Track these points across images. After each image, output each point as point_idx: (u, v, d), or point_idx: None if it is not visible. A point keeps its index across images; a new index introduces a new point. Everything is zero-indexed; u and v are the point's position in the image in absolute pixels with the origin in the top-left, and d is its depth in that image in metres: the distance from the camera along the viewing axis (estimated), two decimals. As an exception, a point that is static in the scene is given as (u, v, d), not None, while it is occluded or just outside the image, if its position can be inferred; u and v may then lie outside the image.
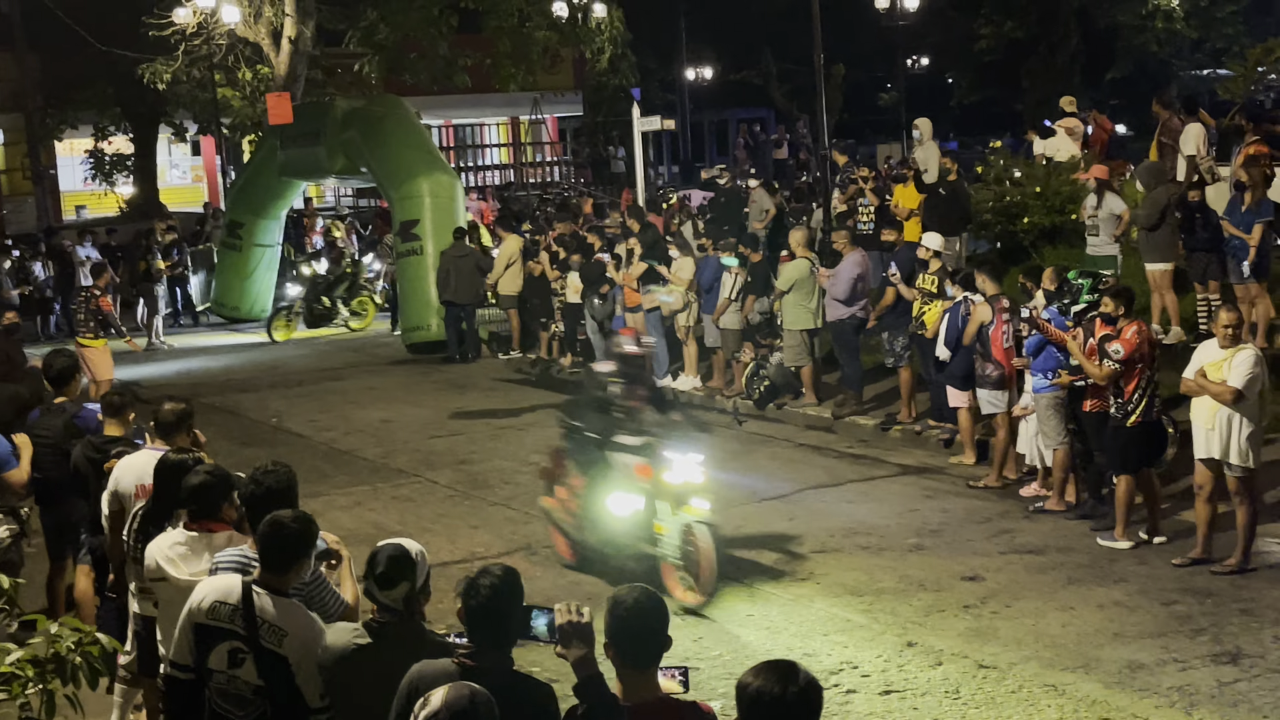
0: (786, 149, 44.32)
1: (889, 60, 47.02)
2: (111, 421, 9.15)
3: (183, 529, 6.76)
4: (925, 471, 14.04)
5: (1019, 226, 18.48)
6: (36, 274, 27.74)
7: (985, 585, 10.54)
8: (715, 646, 9.55)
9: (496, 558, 11.43)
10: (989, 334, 12.98)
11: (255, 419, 18.39)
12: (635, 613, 4.66)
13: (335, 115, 25.10)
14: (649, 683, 4.66)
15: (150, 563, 6.76)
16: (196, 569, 6.60)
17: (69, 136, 43.80)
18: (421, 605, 5.58)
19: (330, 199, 41.31)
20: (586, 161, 45.71)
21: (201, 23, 30.26)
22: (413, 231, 23.08)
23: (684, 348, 18.12)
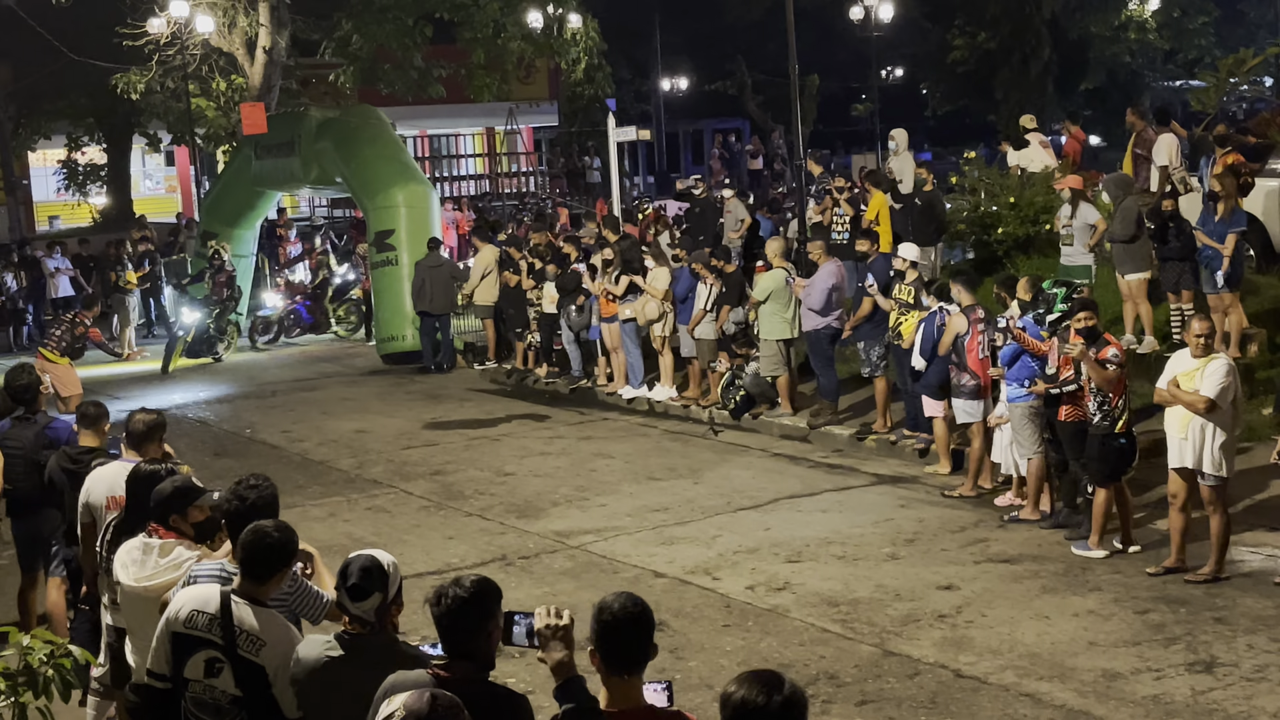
0: (761, 160, 44.41)
1: (863, 71, 47.17)
2: (87, 432, 9.10)
3: (142, 536, 6.75)
4: (900, 481, 14.06)
5: (993, 237, 18.56)
6: (8, 285, 27.59)
7: (961, 594, 10.55)
8: (691, 657, 9.53)
9: (471, 568, 11.41)
10: (964, 344, 13.01)
11: (229, 430, 18.32)
12: (620, 619, 4.64)
13: (310, 125, 25.03)
14: (634, 690, 4.64)
15: (115, 568, 6.78)
16: (141, 574, 6.59)
17: (42, 147, 43.61)
18: (394, 616, 5.55)
19: (305, 209, 41.21)
20: (562, 172, 45.68)
21: (175, 33, 30.15)
22: (387, 242, 23.01)
23: (660, 358, 18.11)
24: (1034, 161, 19.73)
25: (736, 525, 12.73)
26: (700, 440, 16.54)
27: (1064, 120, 23.75)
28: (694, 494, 13.96)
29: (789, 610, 10.39)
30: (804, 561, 11.56)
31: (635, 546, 12.20)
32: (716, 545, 12.12)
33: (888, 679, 9.02)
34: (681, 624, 10.16)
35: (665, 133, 55.33)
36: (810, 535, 12.27)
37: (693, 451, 15.95)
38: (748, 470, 14.90)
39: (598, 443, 16.53)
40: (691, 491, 14.06)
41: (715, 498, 13.74)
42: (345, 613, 5.46)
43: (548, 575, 11.51)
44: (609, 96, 37.35)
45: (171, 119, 36.32)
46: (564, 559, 11.96)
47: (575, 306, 19.02)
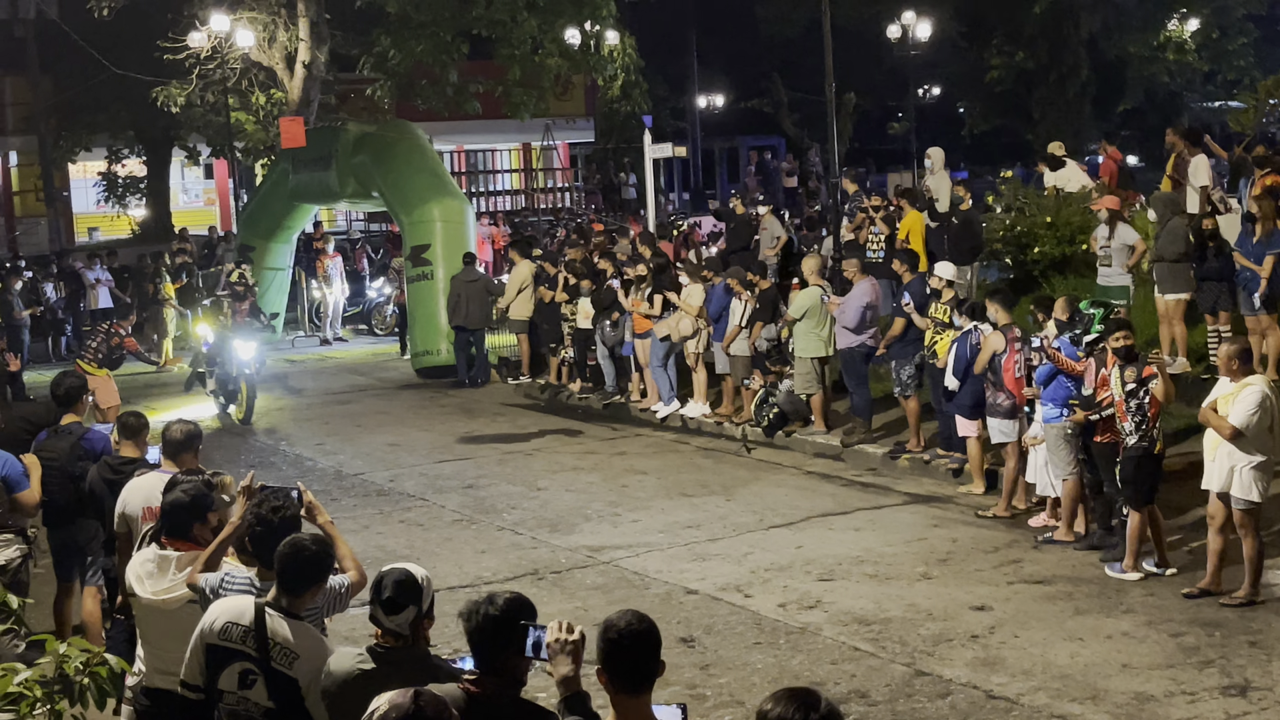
0: (796, 177, 44.37)
1: (900, 89, 47.09)
2: (128, 443, 9.16)
3: (153, 547, 6.78)
4: (933, 500, 14.01)
5: (1029, 256, 18.48)
6: (48, 295, 27.81)
7: (993, 615, 10.51)
8: (722, 674, 9.52)
9: (503, 583, 11.44)
10: (1001, 363, 12.97)
11: (264, 441, 18.41)
12: (627, 637, 4.63)
13: (347, 140, 25.18)
14: (641, 709, 4.63)
15: (127, 578, 6.81)
16: (159, 587, 6.62)
17: (82, 159, 43.95)
18: (426, 630, 5.57)
19: (341, 223, 41.41)
20: (597, 188, 45.78)
21: (216, 47, 30.38)
22: (423, 256, 23.12)
23: (693, 374, 18.11)
24: (1071, 181, 19.66)
25: (768, 543, 12.72)
26: (733, 457, 16.53)
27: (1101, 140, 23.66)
28: (726, 511, 13.95)
29: (820, 628, 10.37)
30: (836, 580, 11.54)
31: (667, 563, 12.21)
32: (748, 562, 12.11)
33: (919, 699, 8.99)
34: (712, 641, 10.15)
35: (701, 149, 55.36)
36: (842, 554, 12.25)
37: (725, 468, 15.94)
38: (780, 488, 14.88)
39: (630, 459, 16.54)
40: (724, 508, 14.05)
41: (747, 515, 13.73)
42: (378, 625, 5.49)
43: (579, 590, 11.53)
44: (645, 113, 37.42)
45: (211, 132, 36.58)
46: (595, 574, 11.97)
47: (609, 322, 19.06)
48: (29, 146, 44.32)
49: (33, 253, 37.47)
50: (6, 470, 9.37)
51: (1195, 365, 14.89)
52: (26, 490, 9.43)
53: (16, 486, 9.37)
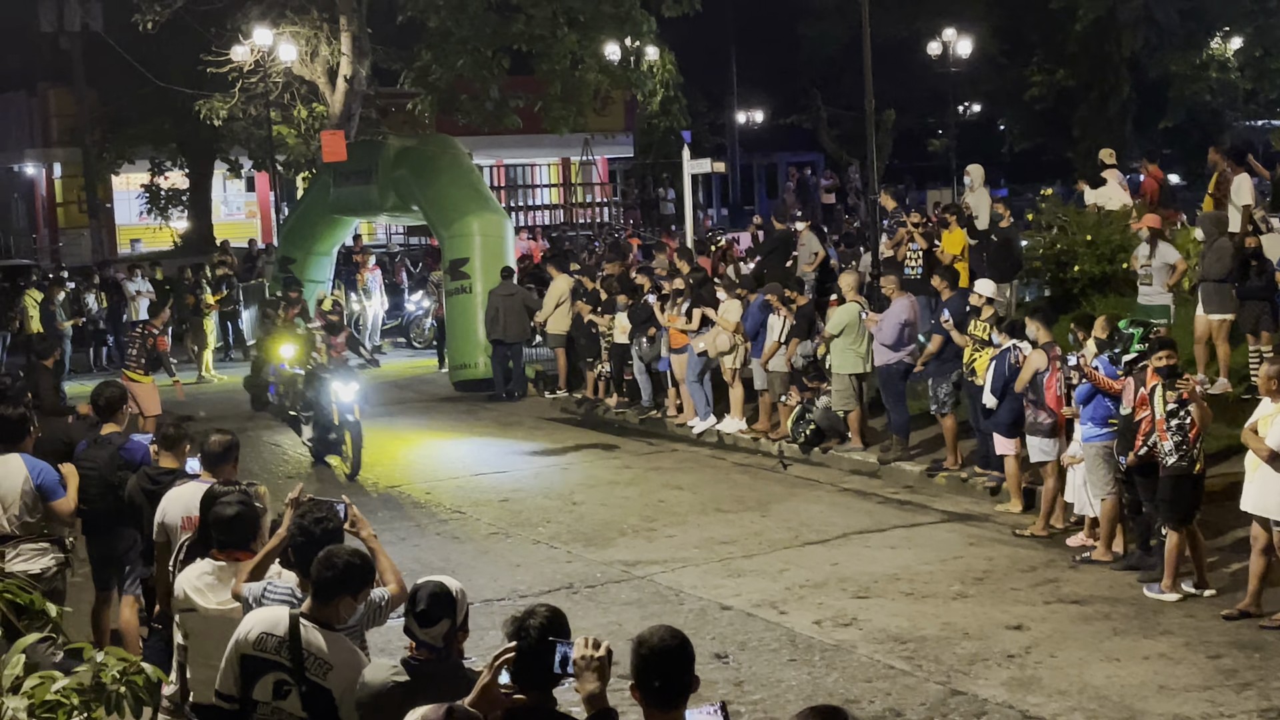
0: (835, 194, 44.36)
1: (940, 106, 47.06)
2: (167, 454, 9.21)
3: (209, 559, 6.80)
4: (971, 519, 13.95)
5: (1069, 274, 18.41)
6: (90, 306, 28.02)
7: (1030, 634, 10.45)
8: (756, 691, 9.50)
9: (538, 596, 11.44)
10: (1043, 381, 12.91)
11: (302, 453, 18.47)
12: (660, 653, 4.61)
13: (388, 153, 25.30)
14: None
15: (179, 593, 6.81)
16: (222, 598, 6.65)
17: (125, 171, 44.35)
18: (460, 642, 5.58)
19: (381, 236, 41.63)
20: (636, 203, 45.87)
21: (259, 61, 30.63)
22: (462, 270, 23.19)
23: (730, 390, 18.10)
24: (1111, 200, 19.57)
25: (804, 559, 12.69)
26: (769, 473, 16.50)
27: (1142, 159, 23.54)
28: (762, 527, 13.93)
29: (855, 646, 10.33)
30: (871, 597, 11.50)
31: (702, 578, 12.19)
32: (783, 579, 12.08)
33: (954, 718, 8.95)
34: (746, 657, 10.13)
35: (740, 165, 55.41)
36: (878, 571, 12.21)
37: (761, 485, 15.92)
38: (816, 504, 14.84)
39: (666, 474, 16.54)
40: (759, 524, 14.03)
41: (783, 531, 13.70)
42: (413, 638, 5.51)
43: (613, 605, 11.52)
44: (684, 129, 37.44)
45: (253, 145, 36.90)
46: (630, 589, 11.96)
47: (646, 337, 19.07)
48: (73, 158, 44.78)
49: (76, 264, 37.81)
50: (42, 479, 9.43)
51: (1237, 386, 14.78)
52: (62, 499, 9.49)
53: (52, 495, 9.44)
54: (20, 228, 52.24)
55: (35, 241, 49.10)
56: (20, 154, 49.55)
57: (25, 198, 52.02)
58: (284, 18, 31.13)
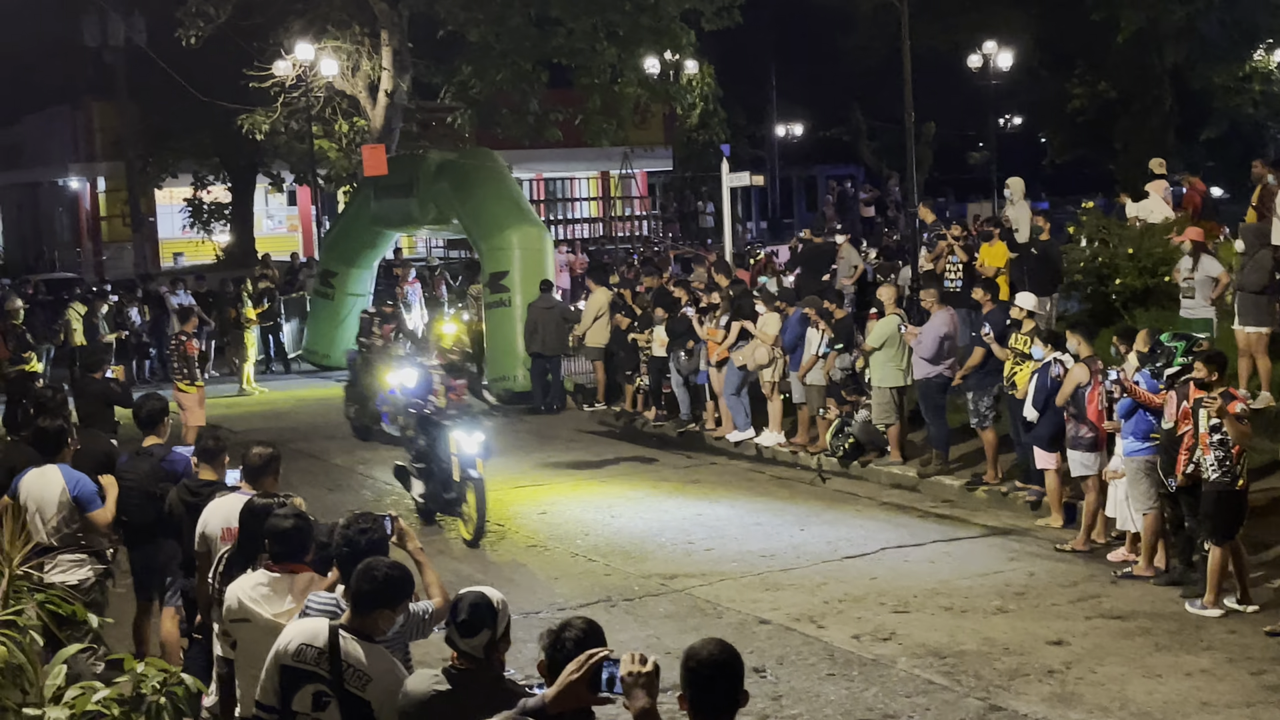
0: (874, 207, 44.25)
1: (980, 119, 46.93)
2: (206, 466, 9.27)
3: (264, 570, 6.84)
4: (1011, 533, 13.87)
5: (1111, 288, 18.30)
6: (133, 319, 28.24)
7: (1070, 650, 10.38)
8: (794, 705, 9.48)
9: (575, 609, 11.44)
10: (1084, 395, 12.84)
11: (342, 465, 18.56)
12: (709, 665, 4.61)
13: (428, 167, 25.42)
14: None
15: (231, 602, 6.83)
16: (278, 609, 6.67)
17: (168, 185, 44.72)
18: (501, 653, 5.60)
19: (421, 250, 41.81)
20: (675, 216, 45.90)
21: (300, 75, 30.84)
22: (501, 283, 23.27)
23: (768, 403, 18.08)
24: (1153, 213, 19.46)
25: (843, 573, 12.65)
26: (807, 487, 16.47)
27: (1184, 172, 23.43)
28: (800, 540, 13.89)
29: (894, 661, 10.29)
30: (911, 612, 11.45)
31: (740, 591, 12.17)
32: (821, 593, 12.04)
33: (994, 734, 8.89)
34: (785, 672, 10.10)
35: (779, 178, 55.39)
36: (917, 585, 12.15)
37: (800, 498, 15.89)
38: (855, 518, 14.80)
39: (704, 487, 16.52)
40: (798, 538, 13.99)
41: (821, 545, 13.66)
42: (454, 648, 5.53)
43: (651, 618, 11.51)
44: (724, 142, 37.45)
45: (294, 159, 37.15)
46: (668, 602, 11.95)
47: (684, 350, 19.07)
48: (117, 172, 45.21)
49: (119, 277, 38.13)
50: (79, 490, 9.50)
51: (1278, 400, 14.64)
52: (99, 510, 9.56)
53: (89, 506, 9.51)
54: (64, 241, 52.78)
55: (79, 255, 49.58)
56: (64, 168, 50.07)
57: (69, 211, 52.56)
58: (326, 33, 31.35)
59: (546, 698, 4.63)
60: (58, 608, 6.76)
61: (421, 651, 8.71)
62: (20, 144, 55.34)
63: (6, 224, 59.69)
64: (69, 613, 6.84)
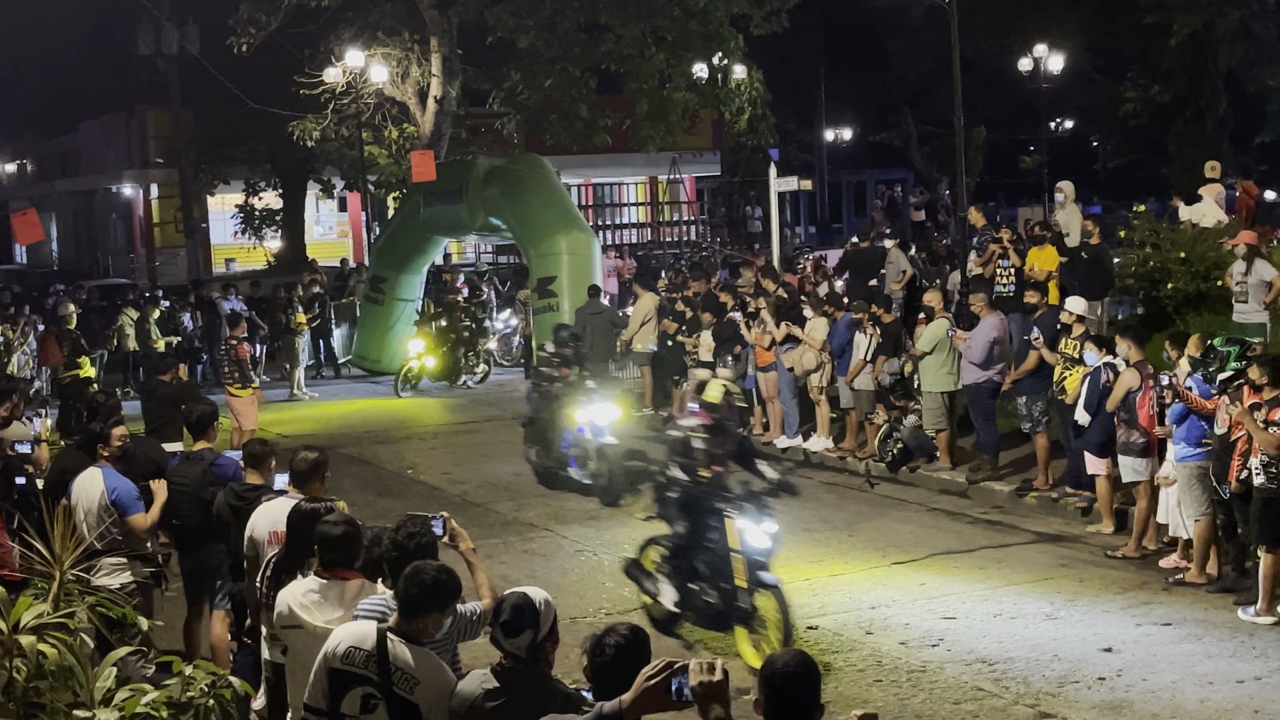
0: (925, 211, 44.07)
1: (1032, 122, 46.59)
2: (253, 471, 9.34)
3: (314, 576, 6.86)
4: (1061, 540, 13.77)
5: (1163, 292, 18.15)
6: (185, 324, 28.46)
7: (1121, 657, 10.29)
8: (842, 712, 9.42)
9: (624, 614, 11.45)
10: (1135, 400, 12.73)
11: (391, 470, 18.65)
12: (788, 677, 4.58)
13: (477, 173, 25.52)
14: None
15: (282, 609, 6.85)
16: (330, 616, 6.69)
17: (221, 191, 45.07)
18: (549, 652, 5.61)
19: (471, 255, 41.96)
20: (723, 221, 45.86)
21: (350, 82, 31.02)
22: (549, 288, 23.31)
23: (817, 408, 18.02)
24: (1206, 216, 19.29)
25: (891, 579, 12.59)
26: (856, 492, 16.41)
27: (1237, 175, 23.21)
28: (848, 546, 13.84)
29: (942, 667, 10.23)
30: (959, 618, 11.38)
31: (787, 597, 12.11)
32: (870, 599, 12.00)
33: (1043, 741, 8.83)
34: (832, 678, 10.06)
35: (828, 183, 55.24)
36: (966, 592, 12.09)
37: (848, 503, 15.83)
38: (904, 524, 14.73)
39: (753, 492, 16.46)
40: (846, 544, 13.95)
41: (870, 551, 13.61)
42: (499, 648, 5.55)
43: (698, 626, 11.46)
44: (772, 146, 37.45)
45: (345, 165, 37.34)
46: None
47: (732, 355, 19.04)
48: (170, 179, 45.63)
49: (172, 283, 38.47)
50: (117, 494, 9.58)
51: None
52: (138, 514, 9.63)
53: (127, 510, 9.58)
54: (118, 247, 53.32)
55: (133, 261, 50.08)
56: (119, 175, 50.59)
57: (123, 218, 53.11)
58: (375, 40, 31.53)
59: (624, 702, 4.63)
60: (108, 610, 6.82)
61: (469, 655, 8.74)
62: (76, 152, 55.99)
63: (62, 230, 60.37)
64: (119, 615, 6.89)
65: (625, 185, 48.85)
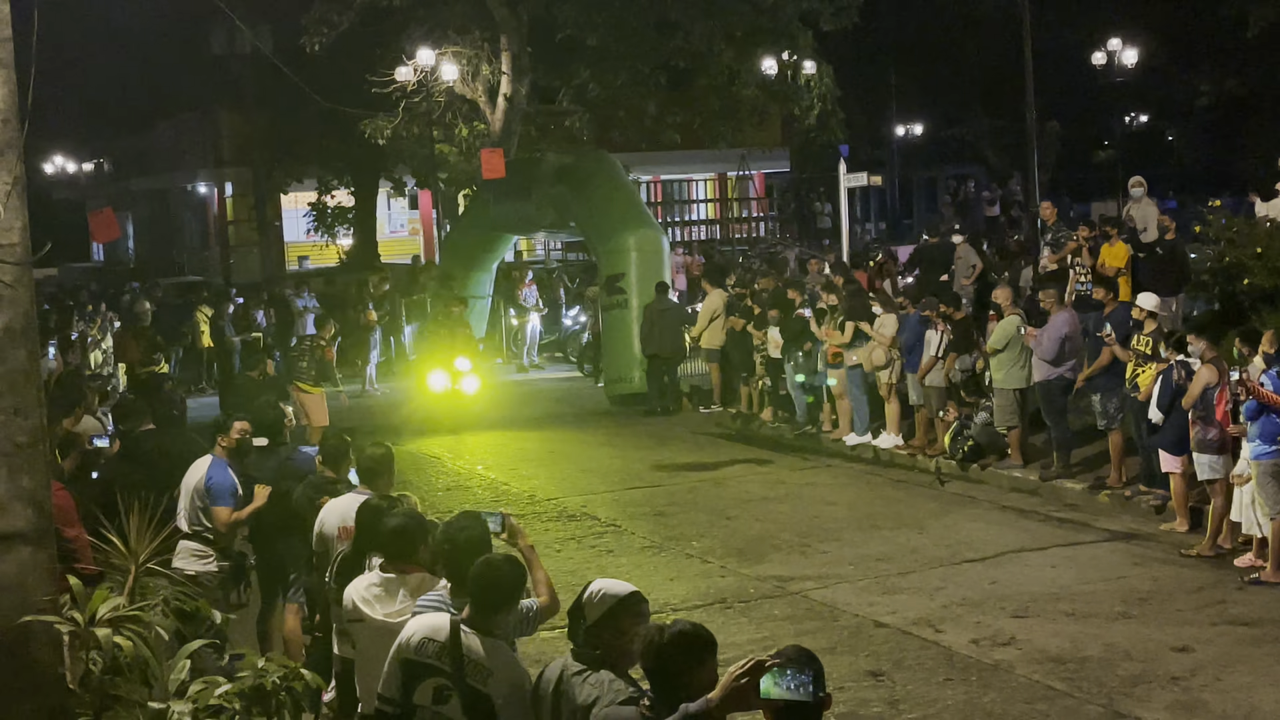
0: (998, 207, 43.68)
1: (1106, 117, 46.12)
2: (330, 466, 9.42)
3: (378, 571, 6.94)
4: (1134, 538, 13.63)
5: (1239, 288, 17.89)
6: (258, 321, 28.76)
7: (1195, 657, 10.17)
8: (911, 710, 9.39)
9: (690, 610, 11.46)
10: (1212, 397, 12.57)
11: (462, 466, 18.75)
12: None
13: (546, 170, 25.59)
14: None
15: (347, 603, 6.95)
16: (390, 609, 6.76)
17: (293, 189, 45.46)
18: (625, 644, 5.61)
19: (540, 252, 42.08)
20: (793, 217, 45.69)
21: (421, 80, 31.17)
22: (618, 285, 23.34)
23: (886, 405, 17.94)
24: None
25: (961, 577, 12.51)
26: (925, 490, 16.32)
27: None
28: (918, 544, 13.77)
29: (1013, 666, 10.15)
30: (1030, 617, 11.29)
31: (856, 595, 12.10)
32: (940, 597, 11.93)
33: (1115, 741, 8.75)
34: (902, 676, 10.01)
35: (899, 179, 54.91)
36: (1038, 590, 11.98)
37: (918, 501, 15.75)
38: (974, 522, 14.63)
39: (821, 489, 16.44)
40: (916, 541, 13.87)
41: (940, 548, 13.53)
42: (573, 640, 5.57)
43: (766, 621, 11.48)
44: (842, 142, 37.26)
45: (416, 164, 37.54)
46: (784, 605, 11.91)
47: (801, 352, 18.98)
48: (243, 178, 46.11)
49: (246, 280, 38.88)
50: (212, 482, 9.71)
51: None
52: (223, 507, 9.75)
53: (215, 500, 9.71)
54: (193, 245, 53.94)
55: (207, 259, 50.64)
56: (194, 174, 51.18)
57: (198, 216, 53.72)
58: (446, 38, 31.66)
59: (711, 700, 4.65)
60: (183, 604, 6.92)
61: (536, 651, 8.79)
62: (152, 151, 56.68)
63: (138, 228, 61.14)
64: (193, 609, 6.99)
65: (694, 182, 48.76)
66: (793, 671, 4.57)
